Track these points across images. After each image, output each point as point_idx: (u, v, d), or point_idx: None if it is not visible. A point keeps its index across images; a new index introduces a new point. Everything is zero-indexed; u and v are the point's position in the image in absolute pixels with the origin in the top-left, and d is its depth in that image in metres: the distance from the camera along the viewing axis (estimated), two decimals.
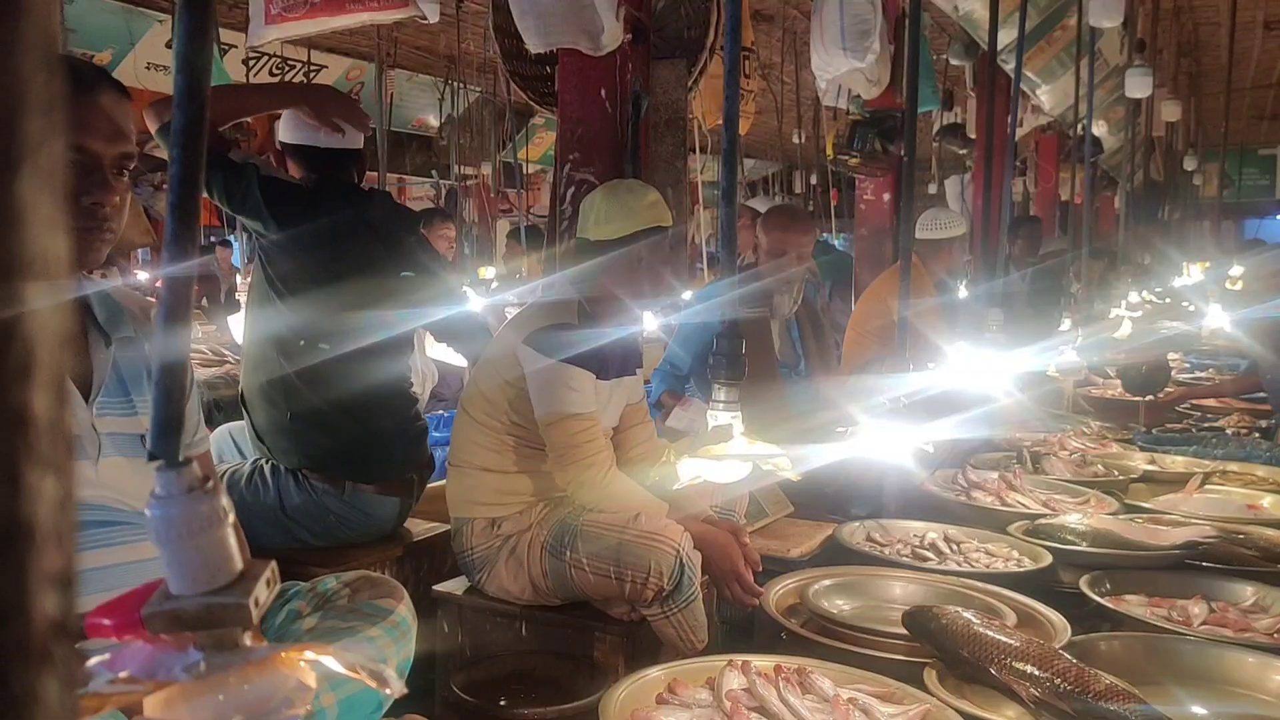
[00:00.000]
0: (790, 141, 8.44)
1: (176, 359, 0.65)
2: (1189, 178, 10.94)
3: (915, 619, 2.17)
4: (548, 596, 2.45)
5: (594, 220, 2.49)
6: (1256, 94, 11.66)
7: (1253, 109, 12.73)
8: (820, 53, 4.43)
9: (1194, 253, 10.21)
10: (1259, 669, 2.21)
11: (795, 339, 3.70)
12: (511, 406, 2.45)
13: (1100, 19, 3.61)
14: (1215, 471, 3.85)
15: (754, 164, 13.40)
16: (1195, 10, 7.79)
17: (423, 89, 10.11)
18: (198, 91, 0.59)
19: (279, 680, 0.61)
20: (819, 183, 9.66)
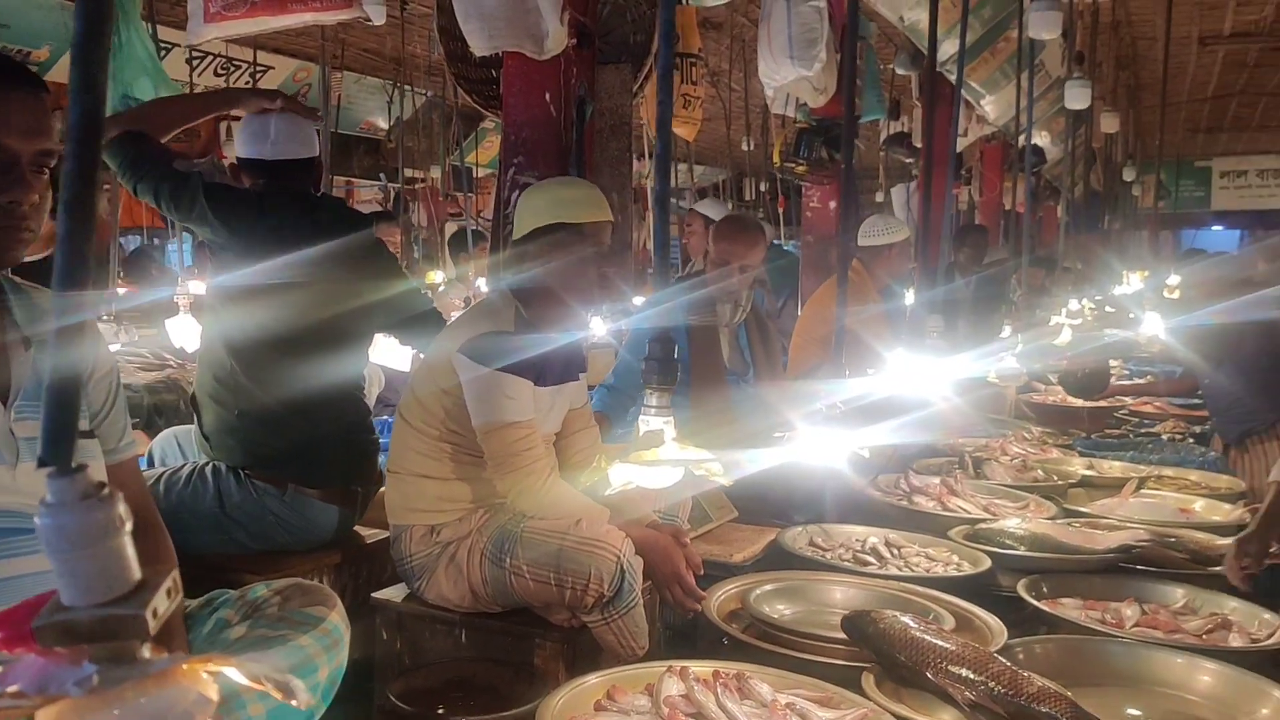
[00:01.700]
0: (739, 148, 8.47)
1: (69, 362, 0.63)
2: (1128, 188, 11.16)
3: (854, 623, 2.18)
4: (488, 603, 2.43)
5: (518, 217, 2.48)
6: (1192, 108, 11.94)
7: (1189, 122, 13.03)
8: (768, 60, 4.44)
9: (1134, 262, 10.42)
10: (1186, 669, 2.26)
11: (744, 347, 3.71)
12: (448, 414, 2.43)
13: (1039, 31, 3.67)
14: (1151, 476, 3.93)
15: (704, 170, 13.43)
16: (1133, 25, 7.95)
17: (371, 91, 10.01)
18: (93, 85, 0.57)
19: (179, 693, 0.59)
20: (769, 190, 9.72)
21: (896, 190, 8.57)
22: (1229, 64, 9.79)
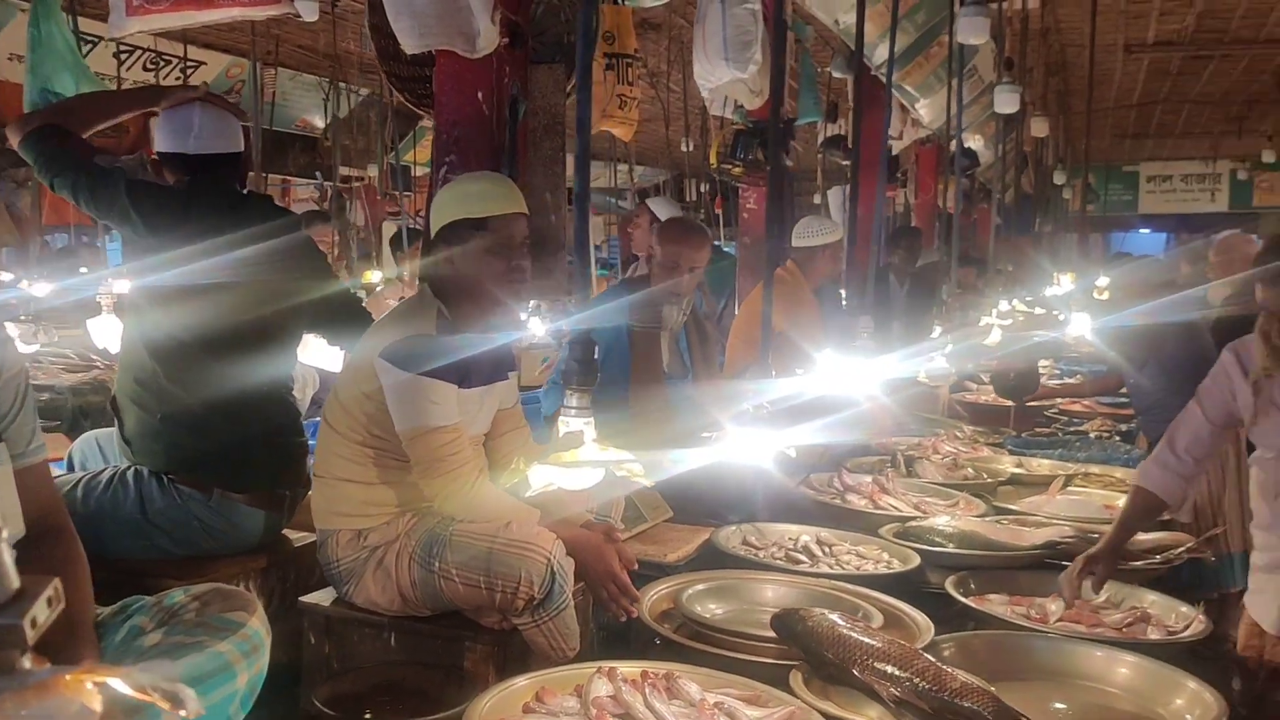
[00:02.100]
0: (679, 149, 8.49)
1: None
2: (1059, 191, 11.39)
3: (783, 622, 2.20)
4: (417, 607, 2.40)
5: (432, 215, 2.46)
6: (1120, 114, 12.22)
7: (1116, 128, 13.34)
8: (703, 62, 4.45)
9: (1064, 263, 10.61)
10: (1106, 662, 2.31)
11: (683, 350, 3.70)
12: (371, 419, 2.39)
13: (967, 37, 3.73)
14: (1078, 474, 4.01)
15: (644, 171, 13.46)
16: (1062, 32, 8.11)
17: (307, 88, 9.86)
18: None
19: (60, 705, 0.57)
20: (708, 191, 9.75)
21: (833, 192, 8.65)
22: (1153, 72, 10.04)
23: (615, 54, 4.27)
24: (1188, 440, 2.71)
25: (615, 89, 4.25)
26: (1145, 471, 2.76)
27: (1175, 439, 2.73)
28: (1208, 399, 2.70)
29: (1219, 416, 2.68)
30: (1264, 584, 2.57)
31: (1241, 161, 16.22)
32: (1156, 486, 2.70)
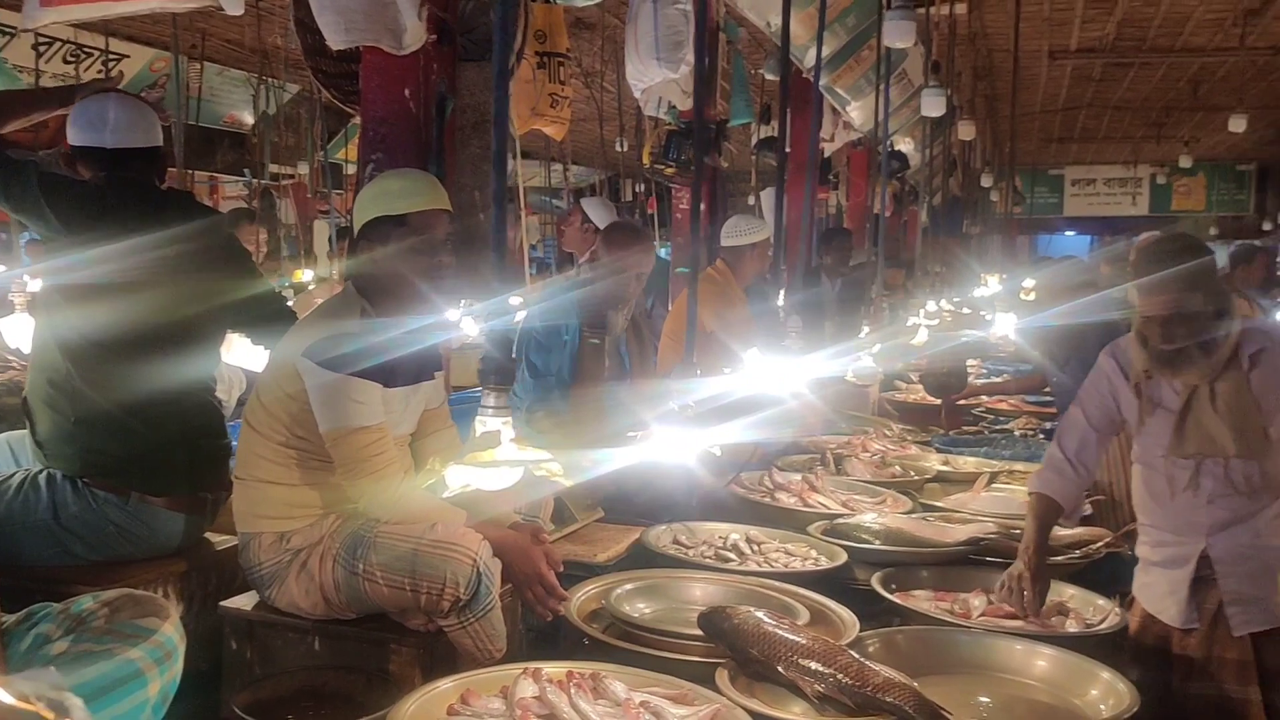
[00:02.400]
0: (614, 149, 8.50)
1: None
2: (986, 194, 11.62)
3: (709, 620, 2.21)
4: (341, 610, 2.37)
5: (354, 213, 2.43)
6: (1045, 118, 12.51)
7: (1042, 132, 13.65)
8: (635, 62, 4.45)
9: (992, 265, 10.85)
10: (1025, 655, 2.36)
11: (623, 355, 3.70)
12: (294, 419, 2.35)
13: (893, 40, 3.79)
14: (1002, 471, 4.09)
15: (580, 171, 13.44)
16: (989, 37, 8.27)
17: (236, 84, 9.68)
18: None
19: None
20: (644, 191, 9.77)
21: (766, 194, 8.71)
22: (1077, 78, 10.29)
23: (547, 53, 4.26)
24: (1074, 445, 2.81)
25: (547, 88, 4.24)
26: (1041, 478, 2.84)
27: (1063, 443, 2.83)
28: (1089, 402, 2.81)
29: (1100, 420, 2.79)
30: (1158, 578, 2.66)
31: (1161, 166, 16.72)
32: (1055, 492, 2.78)
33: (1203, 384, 2.57)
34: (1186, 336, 2.54)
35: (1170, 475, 2.62)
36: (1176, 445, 2.59)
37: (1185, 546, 2.60)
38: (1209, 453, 2.56)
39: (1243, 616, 2.54)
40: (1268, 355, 2.55)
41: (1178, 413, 2.60)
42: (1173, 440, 2.60)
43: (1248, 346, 2.55)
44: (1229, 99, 10.27)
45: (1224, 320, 2.55)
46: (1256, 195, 17.00)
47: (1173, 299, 2.54)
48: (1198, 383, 2.57)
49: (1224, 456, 2.54)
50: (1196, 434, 2.57)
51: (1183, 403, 2.59)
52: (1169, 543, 2.64)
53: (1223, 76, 10.06)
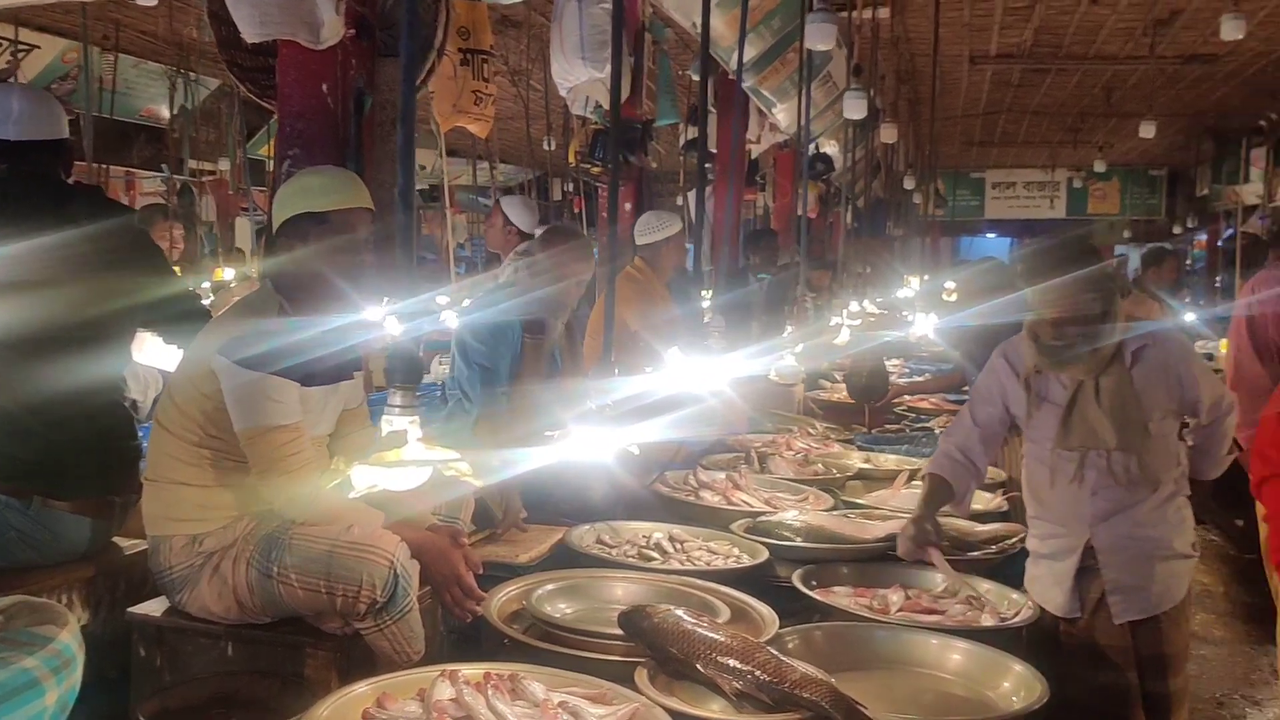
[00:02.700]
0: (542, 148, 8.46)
1: None
2: (909, 196, 11.82)
3: (629, 619, 2.21)
4: (255, 614, 2.32)
5: (274, 210, 2.39)
6: (967, 122, 12.77)
7: (964, 135, 13.93)
8: (560, 61, 4.45)
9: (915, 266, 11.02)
10: (940, 650, 2.40)
11: (556, 358, 3.68)
12: (207, 418, 2.30)
13: (815, 42, 3.83)
14: (922, 468, 4.15)
15: (509, 170, 13.37)
16: (911, 42, 8.41)
17: (153, 77, 9.43)
18: None
19: None
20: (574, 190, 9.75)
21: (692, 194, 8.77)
22: (996, 82, 10.53)
23: (471, 50, 4.23)
24: (960, 439, 2.96)
25: (470, 85, 4.20)
26: (932, 463, 3.01)
27: (950, 438, 2.99)
28: (977, 401, 2.96)
29: (985, 418, 2.92)
30: (1046, 570, 2.79)
31: (1077, 170, 17.18)
32: (945, 472, 2.93)
33: (1088, 379, 2.70)
34: (1075, 333, 2.67)
35: (1056, 467, 2.74)
36: (1062, 438, 2.71)
37: (1071, 537, 2.72)
38: (1092, 445, 2.68)
39: (1122, 605, 2.67)
40: (1149, 353, 2.69)
41: (1064, 407, 2.72)
42: (1059, 433, 2.72)
43: (1131, 344, 2.69)
44: (1140, 106, 10.60)
45: (1110, 319, 2.68)
46: (1167, 199, 17.56)
47: (1064, 298, 2.67)
48: (1083, 378, 2.70)
49: (1106, 449, 2.67)
50: (1081, 427, 2.69)
51: (1069, 397, 2.72)
52: (1056, 534, 2.77)
53: (1134, 84, 10.38)
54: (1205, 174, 15.06)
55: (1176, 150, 15.34)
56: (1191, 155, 15.06)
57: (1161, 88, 10.43)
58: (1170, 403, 2.70)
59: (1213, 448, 2.85)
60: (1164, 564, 2.71)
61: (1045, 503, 2.81)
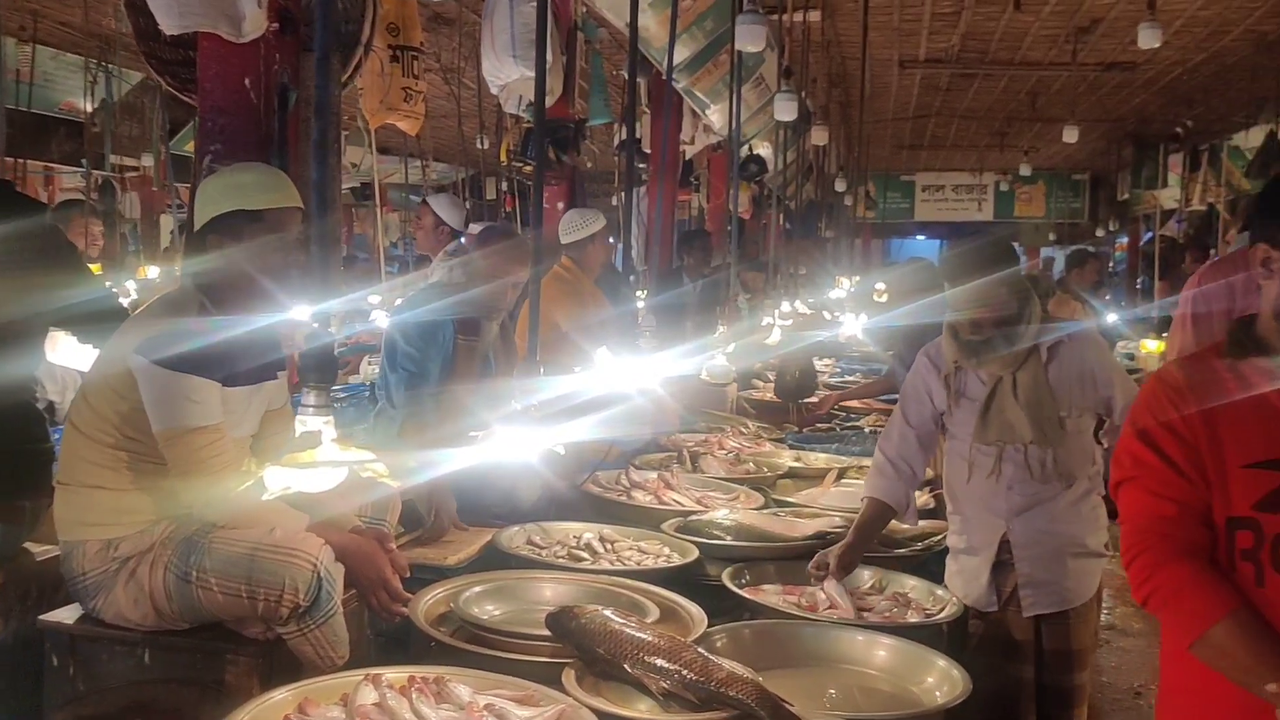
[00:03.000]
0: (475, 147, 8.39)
1: None
2: (841, 198, 11.96)
3: (557, 620, 2.20)
4: (173, 620, 2.26)
5: (197, 206, 2.34)
6: (897, 125, 12.97)
7: (894, 139, 14.14)
8: (491, 59, 4.42)
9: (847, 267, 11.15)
10: (866, 646, 2.43)
11: (490, 360, 3.64)
12: (124, 419, 2.24)
13: (744, 43, 3.85)
14: (851, 467, 4.20)
15: (442, 168, 13.25)
16: (841, 45, 8.52)
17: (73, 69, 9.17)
18: None
19: None
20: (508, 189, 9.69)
21: None
22: (925, 87, 10.70)
23: (400, 46, 4.17)
24: (895, 444, 2.97)
25: (400, 81, 4.15)
26: (869, 482, 2.99)
27: (885, 445, 3.00)
28: (907, 401, 3.01)
29: (916, 417, 2.96)
30: (964, 564, 2.85)
31: (1004, 174, 17.53)
32: (881, 494, 2.93)
33: (1005, 375, 2.77)
34: (993, 331, 2.76)
35: (975, 462, 2.80)
36: (980, 432, 2.78)
37: (988, 531, 2.79)
38: (1009, 440, 2.75)
39: (1032, 599, 2.74)
40: (1064, 350, 2.78)
41: (982, 402, 2.78)
42: (977, 427, 2.79)
43: (1047, 341, 2.78)
44: (1063, 111, 10.86)
45: (1026, 317, 2.77)
46: (1090, 203, 18.02)
47: (982, 297, 2.75)
48: (1001, 373, 2.77)
49: (1022, 443, 2.74)
50: (998, 421, 2.76)
51: (987, 393, 2.78)
52: (974, 528, 2.83)
53: (1057, 90, 10.62)
54: (1126, 179, 15.46)
55: (1098, 155, 15.76)
56: (1113, 160, 15.47)
57: (1083, 94, 10.70)
58: (1084, 400, 2.77)
59: None
60: (1075, 561, 2.78)
61: (963, 497, 2.87)
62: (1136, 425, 1.82)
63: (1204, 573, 1.71)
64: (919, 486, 3.13)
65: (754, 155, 9.40)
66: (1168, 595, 1.73)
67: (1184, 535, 1.73)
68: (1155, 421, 1.79)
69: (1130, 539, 1.79)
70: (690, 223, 10.78)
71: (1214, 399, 1.76)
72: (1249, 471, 1.70)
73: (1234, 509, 1.71)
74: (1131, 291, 14.64)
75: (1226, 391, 1.76)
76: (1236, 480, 1.71)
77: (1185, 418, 1.76)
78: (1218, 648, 1.67)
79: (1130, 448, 1.82)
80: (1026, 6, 7.31)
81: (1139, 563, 1.76)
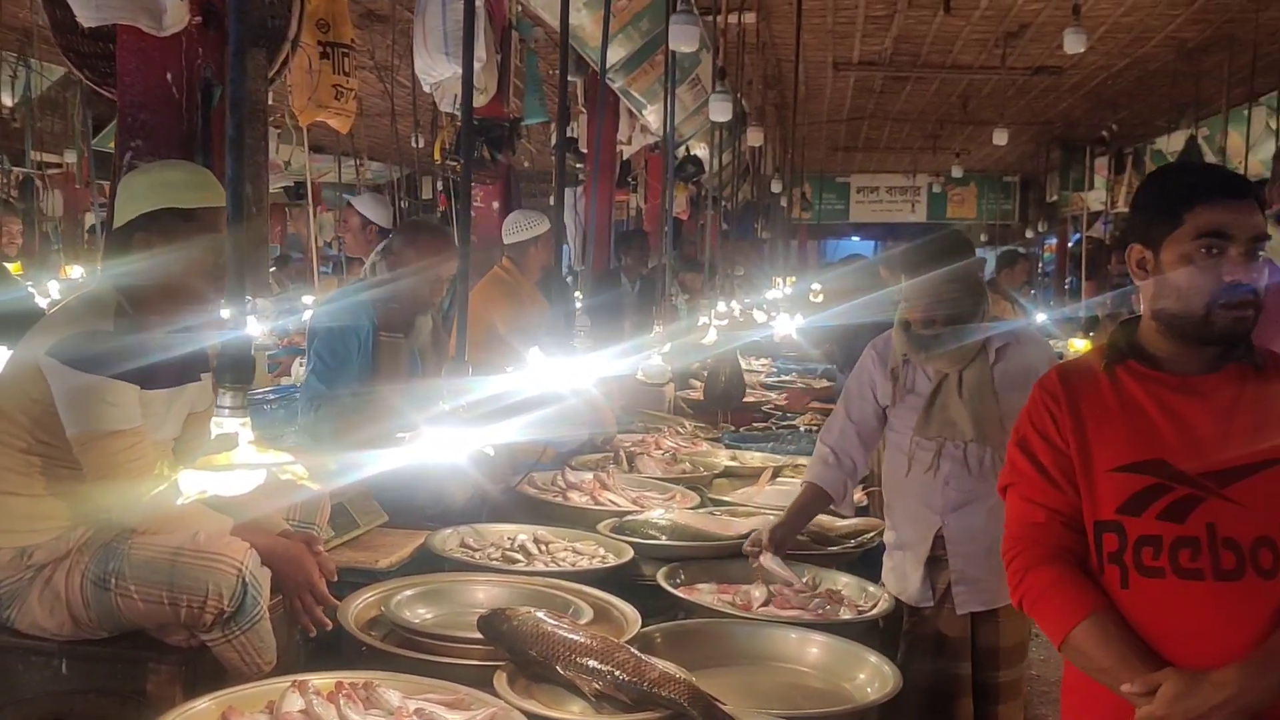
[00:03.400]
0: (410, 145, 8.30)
1: None
2: (777, 199, 12.05)
3: (488, 622, 2.18)
4: (92, 629, 2.20)
5: (119, 204, 2.28)
6: (832, 127, 13.09)
7: (829, 140, 14.29)
8: (424, 56, 4.37)
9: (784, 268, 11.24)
10: (799, 643, 2.44)
11: (417, 360, 3.59)
12: (36, 424, 2.16)
13: (678, 43, 3.86)
14: (786, 465, 4.23)
15: (378, 167, 13.08)
16: (777, 47, 8.57)
17: None
18: None
19: None
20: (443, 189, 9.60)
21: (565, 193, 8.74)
22: (859, 89, 10.82)
23: (331, 43, 4.11)
24: (835, 436, 3.01)
25: (330, 79, 4.09)
26: (809, 469, 3.04)
27: (826, 436, 3.04)
28: (850, 395, 3.04)
29: (858, 411, 2.99)
30: (900, 560, 2.88)
31: (937, 176, 17.82)
32: (821, 481, 2.97)
33: (953, 372, 2.79)
34: (945, 327, 2.79)
35: (914, 457, 2.84)
36: (922, 427, 2.82)
37: (923, 527, 2.82)
38: (949, 436, 2.79)
39: (966, 596, 2.78)
40: (1012, 351, 2.81)
41: (927, 397, 2.82)
42: (919, 422, 2.83)
43: (995, 341, 2.81)
44: (993, 114, 11.06)
45: (978, 314, 2.82)
46: (1020, 205, 18.38)
47: (938, 292, 2.79)
48: (948, 370, 2.81)
49: (963, 440, 2.78)
50: (941, 417, 2.80)
51: (933, 389, 2.82)
52: (909, 523, 2.87)
53: (988, 93, 10.81)
54: (1054, 181, 15.80)
55: (1028, 158, 16.08)
56: (1041, 163, 15.79)
57: (1013, 97, 10.91)
58: (1026, 402, 2.80)
59: None
60: None
61: (901, 492, 2.90)
62: (1018, 433, 1.88)
63: (1067, 576, 1.75)
64: (858, 481, 3.15)
65: (691, 156, 9.43)
66: (1036, 597, 1.78)
67: (1052, 540, 1.78)
68: (1032, 429, 1.85)
69: (1007, 543, 1.85)
70: (628, 223, 10.80)
71: (1087, 404, 1.80)
72: (1115, 475, 1.75)
73: (1100, 513, 1.76)
74: (1060, 291, 14.98)
75: (1100, 396, 1.80)
76: (1103, 484, 1.75)
77: (1059, 424, 1.81)
78: (1079, 649, 1.72)
79: (1011, 455, 1.88)
80: (957, 11, 7.42)
81: (1013, 566, 1.82)
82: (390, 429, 1.97)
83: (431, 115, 7.88)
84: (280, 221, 14.62)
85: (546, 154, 9.36)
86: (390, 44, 7.09)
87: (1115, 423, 1.77)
